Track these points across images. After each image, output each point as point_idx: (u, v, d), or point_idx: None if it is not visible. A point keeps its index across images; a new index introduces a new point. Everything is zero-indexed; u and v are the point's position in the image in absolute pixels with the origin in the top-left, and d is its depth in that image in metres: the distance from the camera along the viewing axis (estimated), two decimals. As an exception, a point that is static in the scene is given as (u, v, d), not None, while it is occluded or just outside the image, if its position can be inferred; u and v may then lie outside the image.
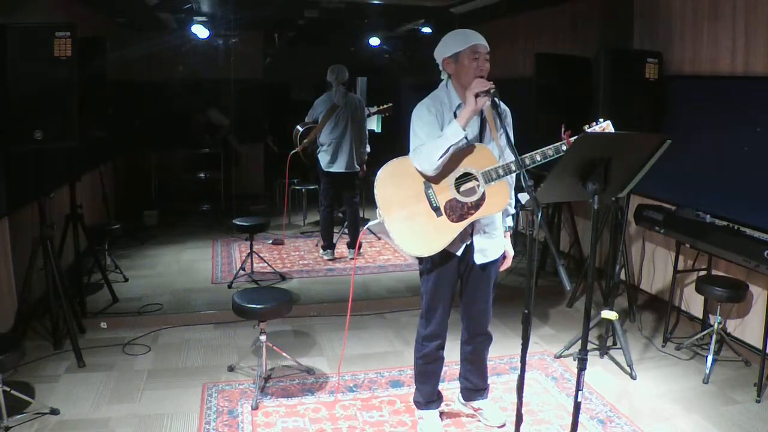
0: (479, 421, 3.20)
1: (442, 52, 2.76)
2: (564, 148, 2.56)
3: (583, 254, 5.50)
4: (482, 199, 2.67)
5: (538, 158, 2.61)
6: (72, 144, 3.66)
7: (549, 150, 2.60)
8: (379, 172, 2.75)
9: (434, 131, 2.68)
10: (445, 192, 2.69)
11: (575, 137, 2.54)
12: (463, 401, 3.25)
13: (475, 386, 3.18)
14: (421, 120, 2.74)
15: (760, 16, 3.70)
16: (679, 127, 4.21)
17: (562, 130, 2.58)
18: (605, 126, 2.60)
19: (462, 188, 2.69)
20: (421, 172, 2.68)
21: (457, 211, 2.69)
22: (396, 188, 2.71)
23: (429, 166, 2.63)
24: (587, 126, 2.60)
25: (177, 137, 8.07)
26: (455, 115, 2.72)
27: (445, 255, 2.79)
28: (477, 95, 2.57)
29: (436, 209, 2.69)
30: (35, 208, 3.89)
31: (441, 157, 2.59)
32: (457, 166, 2.68)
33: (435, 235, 2.68)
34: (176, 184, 8.13)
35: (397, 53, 9.77)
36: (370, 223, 2.96)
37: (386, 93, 6.62)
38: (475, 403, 3.21)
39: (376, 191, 2.72)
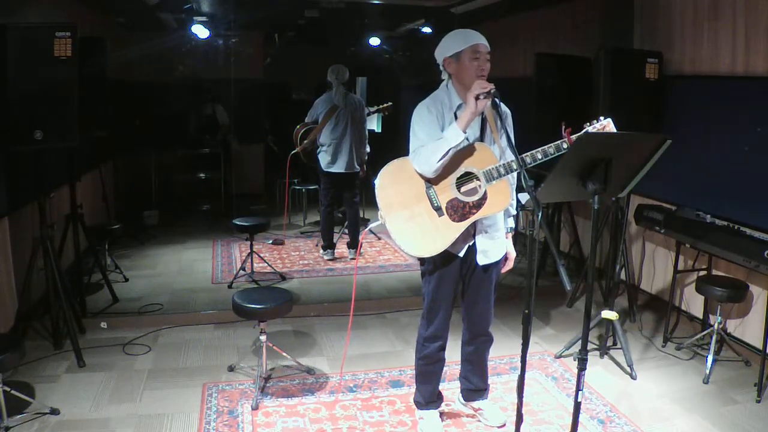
0: (479, 421, 3.20)
1: (442, 51, 2.75)
2: (565, 146, 2.56)
3: (583, 254, 5.50)
4: (484, 198, 2.67)
5: (540, 156, 2.60)
6: (72, 144, 3.66)
7: (550, 148, 2.60)
8: (380, 173, 2.75)
9: (434, 132, 2.68)
10: (447, 192, 2.69)
11: (576, 135, 2.55)
12: (463, 401, 3.25)
13: (475, 387, 3.18)
14: (422, 120, 2.73)
15: (760, 16, 3.70)
16: (679, 127, 4.21)
17: (563, 128, 2.57)
18: (606, 124, 2.59)
19: (463, 188, 2.68)
20: (421, 174, 2.68)
21: (458, 210, 2.68)
22: (397, 189, 2.71)
23: (428, 168, 2.63)
24: (588, 124, 2.60)
25: (177, 137, 8.07)
26: (456, 116, 2.72)
27: (448, 256, 2.78)
28: (477, 97, 2.57)
29: (438, 209, 2.69)
30: (35, 208, 3.90)
31: (440, 159, 2.58)
32: (458, 166, 2.68)
33: (437, 236, 2.68)
34: (176, 184, 8.14)
35: (397, 53, 9.77)
36: (371, 225, 2.95)
37: (386, 93, 6.64)
38: (476, 404, 3.21)
39: (377, 192, 2.72)
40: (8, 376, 3.22)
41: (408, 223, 2.68)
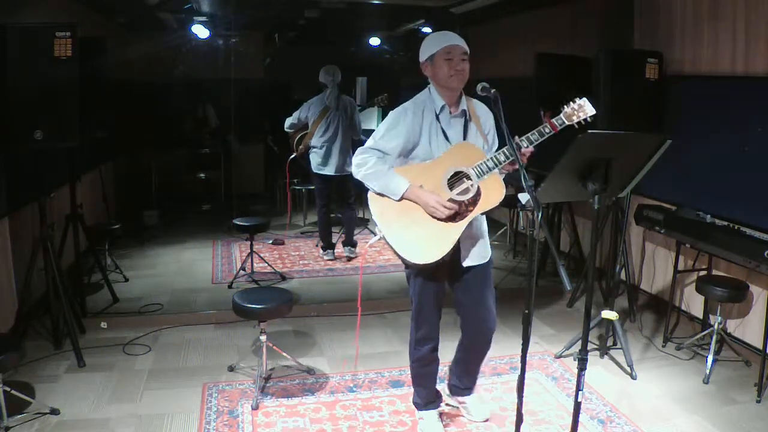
0: (463, 416, 3.21)
1: (421, 55, 2.77)
2: (547, 130, 2.58)
3: (583, 254, 5.49)
4: (478, 194, 2.67)
5: (525, 144, 2.61)
6: (72, 144, 3.66)
7: (533, 135, 2.60)
8: (370, 189, 2.75)
9: (394, 142, 2.70)
10: (440, 194, 2.68)
11: (556, 118, 2.58)
12: (447, 392, 3.26)
13: (464, 386, 3.19)
14: (390, 125, 2.74)
15: (761, 17, 3.70)
16: (680, 127, 4.21)
17: (542, 113, 2.60)
18: (582, 104, 2.59)
19: (455, 188, 2.68)
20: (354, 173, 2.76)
21: (455, 210, 2.68)
22: (389, 200, 2.70)
23: (363, 181, 2.71)
24: (565, 105, 2.61)
25: (177, 137, 8.06)
26: (437, 118, 2.73)
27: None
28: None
29: None
30: (35, 208, 3.90)
31: (376, 189, 2.69)
32: (446, 167, 2.67)
33: (439, 239, 2.65)
34: (176, 184, 8.13)
35: (397, 53, 9.76)
36: (371, 241, 2.94)
37: (386, 93, 6.61)
38: (459, 398, 3.23)
39: (371, 208, 2.72)
40: (8, 376, 3.22)
41: (407, 232, 2.66)
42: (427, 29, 7.87)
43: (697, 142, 4.11)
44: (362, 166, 2.70)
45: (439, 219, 2.64)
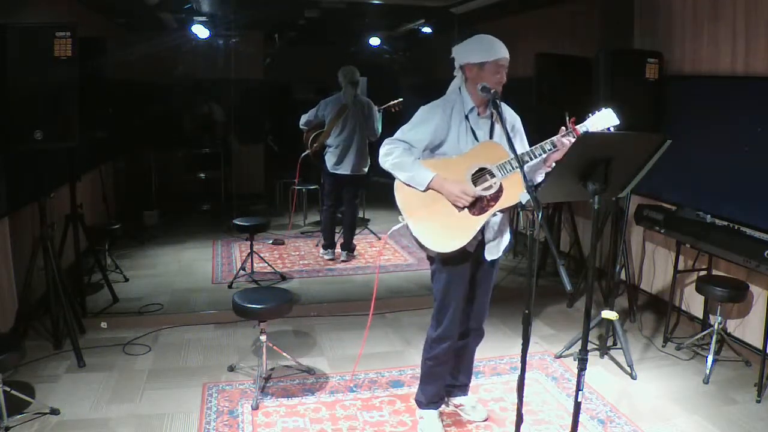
0: (460, 416, 3.21)
1: (467, 56, 2.77)
2: (571, 137, 2.62)
3: (583, 254, 5.49)
4: (500, 191, 2.73)
5: (548, 147, 2.66)
6: (72, 144, 3.66)
7: (557, 139, 2.65)
8: (396, 179, 2.80)
9: (422, 137, 2.77)
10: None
11: (580, 125, 2.63)
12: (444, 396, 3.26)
13: (459, 383, 3.20)
14: (420, 120, 2.81)
15: (761, 17, 3.70)
16: (680, 127, 4.21)
17: (567, 118, 2.63)
18: (606, 113, 2.65)
19: (479, 183, 2.72)
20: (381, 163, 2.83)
21: (477, 204, 2.72)
22: (414, 190, 2.76)
23: (389, 170, 2.77)
24: (591, 114, 2.66)
25: (177, 137, 8.06)
26: (467, 118, 2.78)
27: (459, 252, 2.80)
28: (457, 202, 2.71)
29: None
30: (35, 208, 3.90)
31: (402, 179, 2.76)
32: (471, 162, 2.73)
33: (458, 231, 2.72)
34: (176, 184, 8.13)
35: (397, 53, 9.77)
36: (393, 228, 2.98)
37: (386, 93, 6.60)
38: (456, 400, 3.23)
39: (396, 197, 2.78)
40: (8, 376, 3.22)
41: (429, 221, 2.73)
42: (427, 29, 7.88)
43: (697, 142, 4.11)
44: (389, 155, 2.78)
45: (460, 208, 2.70)
